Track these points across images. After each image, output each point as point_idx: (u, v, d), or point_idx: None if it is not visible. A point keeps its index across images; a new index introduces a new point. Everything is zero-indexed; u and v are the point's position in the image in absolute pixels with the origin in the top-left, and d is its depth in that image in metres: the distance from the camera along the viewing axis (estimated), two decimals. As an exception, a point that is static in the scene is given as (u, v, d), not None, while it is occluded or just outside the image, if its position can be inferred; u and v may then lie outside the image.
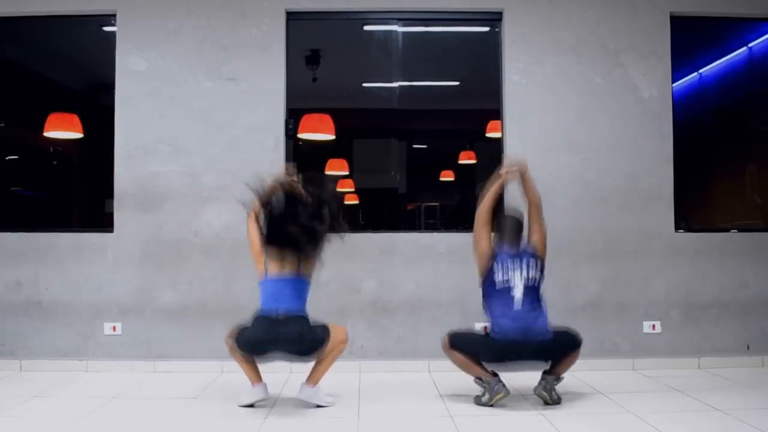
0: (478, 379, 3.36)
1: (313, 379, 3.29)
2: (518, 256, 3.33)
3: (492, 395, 3.26)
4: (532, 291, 3.29)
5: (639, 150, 4.32)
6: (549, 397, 3.29)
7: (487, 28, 4.58)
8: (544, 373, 3.36)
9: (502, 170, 3.48)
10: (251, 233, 3.28)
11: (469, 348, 3.35)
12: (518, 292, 3.26)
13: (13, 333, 4.23)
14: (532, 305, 3.26)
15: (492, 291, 3.31)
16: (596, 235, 4.28)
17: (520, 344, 3.21)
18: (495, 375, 3.33)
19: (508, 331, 3.22)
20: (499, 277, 3.30)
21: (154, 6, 4.31)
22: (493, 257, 3.34)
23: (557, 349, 3.31)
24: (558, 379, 3.36)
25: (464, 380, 3.59)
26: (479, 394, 3.36)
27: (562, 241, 4.24)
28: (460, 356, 3.36)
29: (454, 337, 3.40)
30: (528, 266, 3.31)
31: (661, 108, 4.34)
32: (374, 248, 4.27)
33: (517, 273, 3.29)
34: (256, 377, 3.30)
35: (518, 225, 3.44)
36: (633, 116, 4.33)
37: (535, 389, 3.32)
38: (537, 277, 3.32)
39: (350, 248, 4.25)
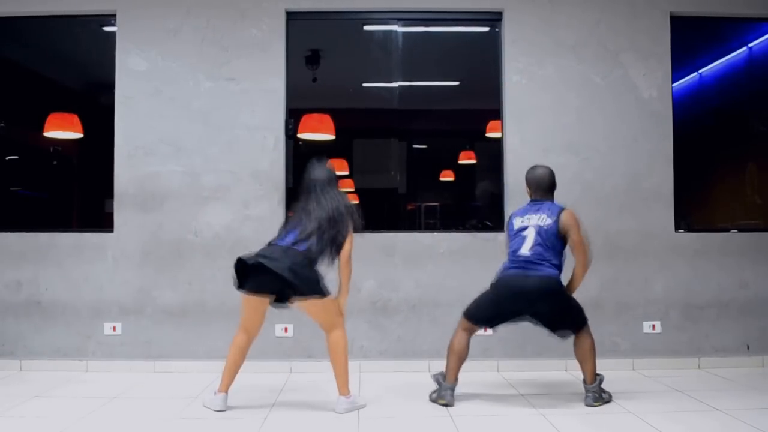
0: (440, 377, 3.43)
1: (343, 388, 3.24)
2: (539, 208, 3.41)
3: (438, 396, 3.36)
4: (543, 238, 3.31)
5: (639, 150, 4.32)
6: (602, 401, 3.32)
7: (487, 28, 4.58)
8: (584, 383, 3.38)
9: None
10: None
11: (478, 310, 3.39)
12: (531, 233, 3.33)
13: (13, 333, 4.23)
14: (541, 251, 3.30)
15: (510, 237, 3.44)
16: (596, 235, 4.25)
17: (520, 279, 3.26)
18: (455, 382, 3.38)
19: (511, 266, 3.34)
20: (517, 224, 3.42)
21: (154, 6, 4.31)
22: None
23: (560, 304, 3.31)
24: (596, 381, 3.35)
25: (464, 380, 3.59)
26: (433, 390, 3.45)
27: (562, 241, 4.24)
28: (460, 340, 3.38)
29: (468, 310, 3.43)
30: (545, 215, 3.36)
31: (661, 108, 4.34)
32: (374, 248, 4.27)
33: (533, 217, 3.38)
34: (227, 385, 3.27)
35: (549, 177, 3.52)
36: (633, 116, 4.33)
37: (586, 402, 3.34)
38: (549, 226, 3.33)
39: (350, 248, 4.26)
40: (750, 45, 4.73)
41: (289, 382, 3.86)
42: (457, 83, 5.01)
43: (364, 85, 4.87)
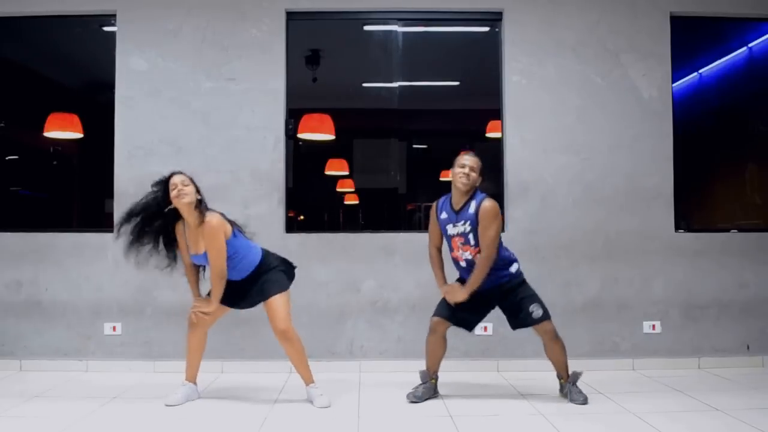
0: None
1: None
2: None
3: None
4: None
5: (639, 150, 4.32)
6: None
7: (487, 28, 4.58)
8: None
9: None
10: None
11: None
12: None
13: (13, 333, 4.22)
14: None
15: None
16: (596, 235, 4.27)
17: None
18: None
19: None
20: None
21: (154, 6, 4.31)
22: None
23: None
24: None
25: (464, 380, 3.60)
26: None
27: (562, 241, 4.24)
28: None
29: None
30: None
31: (661, 108, 4.34)
32: (374, 248, 4.27)
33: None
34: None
35: None
36: (633, 116, 4.33)
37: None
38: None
39: (350, 248, 4.27)
40: (750, 45, 4.73)
41: (289, 382, 3.86)
42: (457, 83, 5.01)
43: (364, 85, 4.87)
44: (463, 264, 3.38)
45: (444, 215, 3.41)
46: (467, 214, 3.30)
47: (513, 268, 3.38)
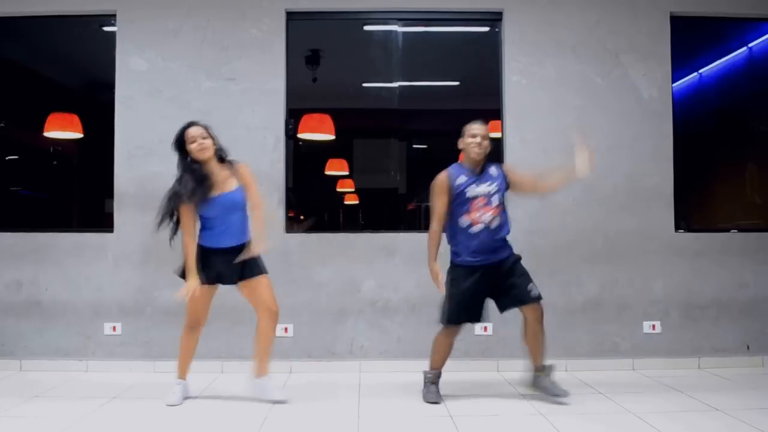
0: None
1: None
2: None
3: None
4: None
5: (639, 150, 4.32)
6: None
7: (487, 28, 4.58)
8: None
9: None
10: None
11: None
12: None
13: (13, 333, 4.23)
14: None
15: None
16: (596, 235, 4.28)
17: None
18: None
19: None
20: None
21: (154, 6, 4.31)
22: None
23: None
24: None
25: (464, 380, 3.60)
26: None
27: (562, 242, 4.24)
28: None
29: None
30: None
31: (661, 108, 4.34)
32: (374, 248, 4.27)
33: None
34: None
35: None
36: (633, 116, 4.33)
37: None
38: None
39: (350, 248, 4.27)
40: (750, 45, 4.73)
41: (289, 382, 3.86)
42: (457, 83, 5.00)
43: (364, 85, 4.87)
44: (476, 229, 3.31)
45: (462, 179, 3.36)
46: (491, 176, 3.37)
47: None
